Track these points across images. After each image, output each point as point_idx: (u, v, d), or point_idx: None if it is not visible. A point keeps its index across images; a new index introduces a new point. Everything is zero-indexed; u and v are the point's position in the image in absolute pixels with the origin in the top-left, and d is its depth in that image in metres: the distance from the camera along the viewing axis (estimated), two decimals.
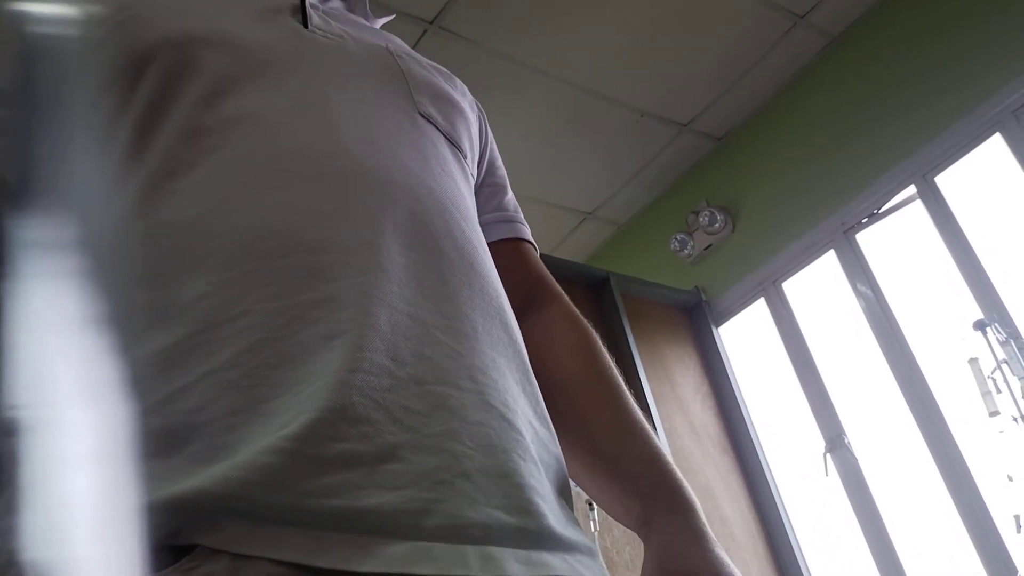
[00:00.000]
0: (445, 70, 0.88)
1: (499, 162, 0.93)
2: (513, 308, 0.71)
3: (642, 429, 0.78)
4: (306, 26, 0.73)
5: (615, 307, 3.06)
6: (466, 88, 0.90)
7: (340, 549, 0.47)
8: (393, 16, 0.89)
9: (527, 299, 0.85)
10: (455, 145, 0.76)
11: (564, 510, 0.61)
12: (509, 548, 0.52)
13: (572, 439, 0.76)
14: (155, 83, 0.63)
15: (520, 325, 0.74)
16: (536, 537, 0.54)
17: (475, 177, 0.83)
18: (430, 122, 0.74)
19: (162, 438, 0.49)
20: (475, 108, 0.89)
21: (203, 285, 0.54)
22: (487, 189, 0.88)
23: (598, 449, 0.77)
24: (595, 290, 3.12)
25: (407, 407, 0.52)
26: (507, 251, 0.86)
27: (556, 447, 0.65)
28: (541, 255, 0.93)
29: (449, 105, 0.79)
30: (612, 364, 0.83)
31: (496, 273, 0.70)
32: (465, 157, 0.78)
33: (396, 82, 0.75)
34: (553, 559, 0.55)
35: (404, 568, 0.47)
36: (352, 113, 0.67)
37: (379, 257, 0.58)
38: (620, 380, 0.82)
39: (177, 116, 0.62)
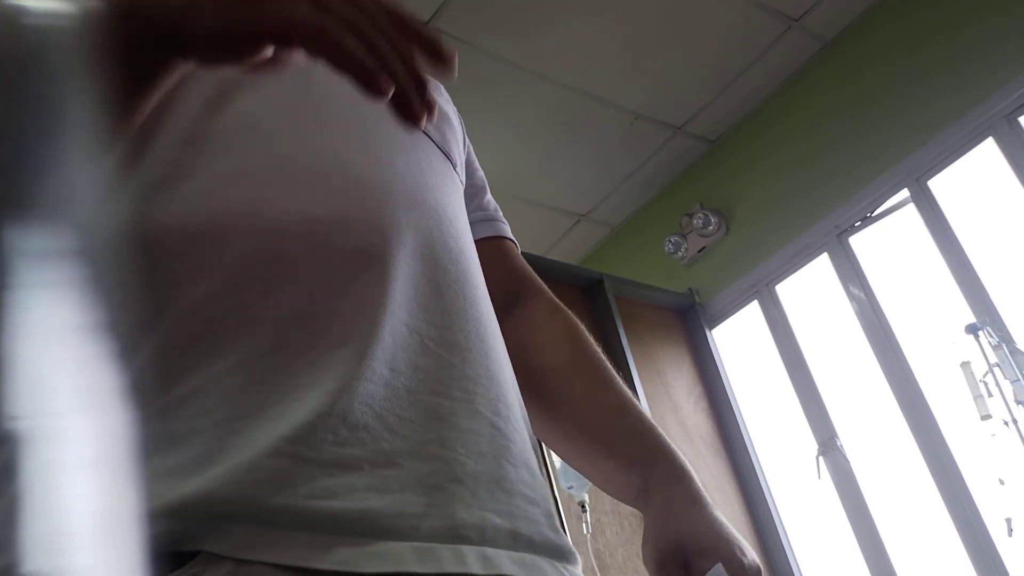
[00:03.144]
0: (432, 78, 0.88)
1: (477, 164, 0.94)
2: (498, 304, 0.73)
3: (633, 406, 0.82)
4: None
5: (608, 309, 3.06)
6: (448, 96, 0.91)
7: (341, 550, 0.48)
8: None
9: (511, 295, 0.87)
10: (447, 156, 0.77)
11: (548, 516, 0.62)
12: (503, 550, 0.54)
13: (565, 422, 0.80)
14: None
15: (506, 320, 0.76)
16: (527, 541, 0.56)
17: (463, 184, 0.84)
18: (424, 133, 0.74)
19: (166, 441, 0.50)
20: (457, 114, 0.91)
21: (206, 291, 0.55)
22: (468, 191, 0.90)
23: (591, 429, 0.80)
24: (588, 292, 3.11)
25: (400, 416, 0.54)
26: (489, 249, 0.87)
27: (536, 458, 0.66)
28: (535, 257, 0.94)
29: (441, 116, 0.80)
30: (599, 349, 0.86)
31: (485, 285, 0.72)
32: (456, 166, 0.79)
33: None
34: (544, 564, 0.57)
35: (405, 567, 0.48)
36: (351, 123, 0.68)
37: (384, 268, 0.59)
38: (607, 363, 0.85)
39: (176, 121, 0.62)
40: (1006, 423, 2.48)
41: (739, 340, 3.42)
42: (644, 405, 2.86)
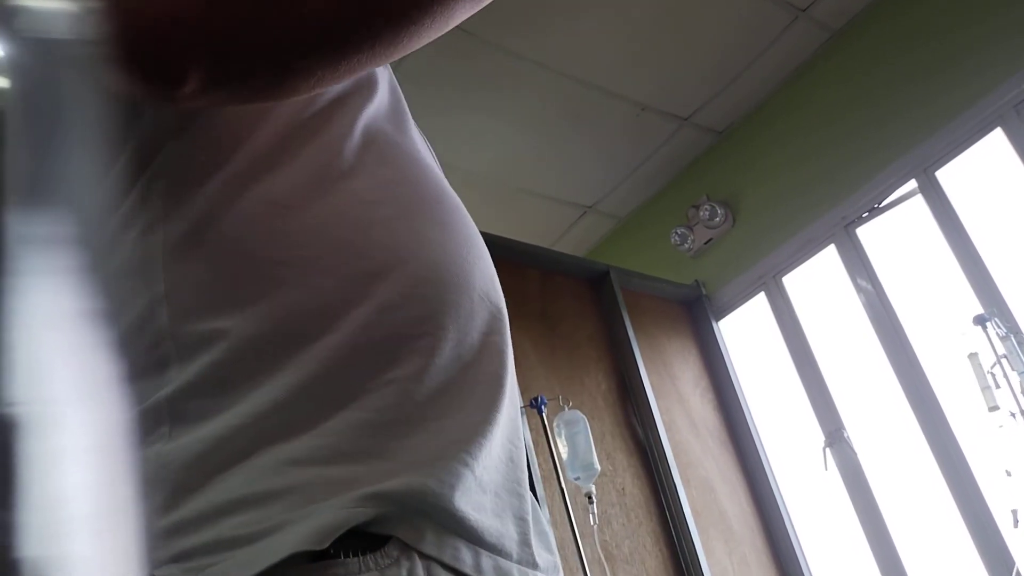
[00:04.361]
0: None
1: None
2: None
3: None
4: None
5: (615, 301, 3.06)
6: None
7: (484, 560, 0.55)
8: None
9: None
10: None
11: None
12: None
13: None
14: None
15: None
16: (555, 571, 0.64)
17: None
18: None
19: (355, 427, 0.55)
20: None
21: (388, 298, 0.59)
22: None
23: None
24: (595, 284, 3.12)
25: (498, 455, 0.62)
26: None
27: None
28: (541, 249, 0.95)
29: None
30: None
31: None
32: None
33: (431, 154, 0.80)
34: None
35: None
36: (439, 173, 0.73)
37: (505, 325, 0.66)
38: None
39: (349, 118, 0.66)
40: (1013, 415, 2.47)
41: (746, 332, 3.42)
42: (650, 397, 2.87)
